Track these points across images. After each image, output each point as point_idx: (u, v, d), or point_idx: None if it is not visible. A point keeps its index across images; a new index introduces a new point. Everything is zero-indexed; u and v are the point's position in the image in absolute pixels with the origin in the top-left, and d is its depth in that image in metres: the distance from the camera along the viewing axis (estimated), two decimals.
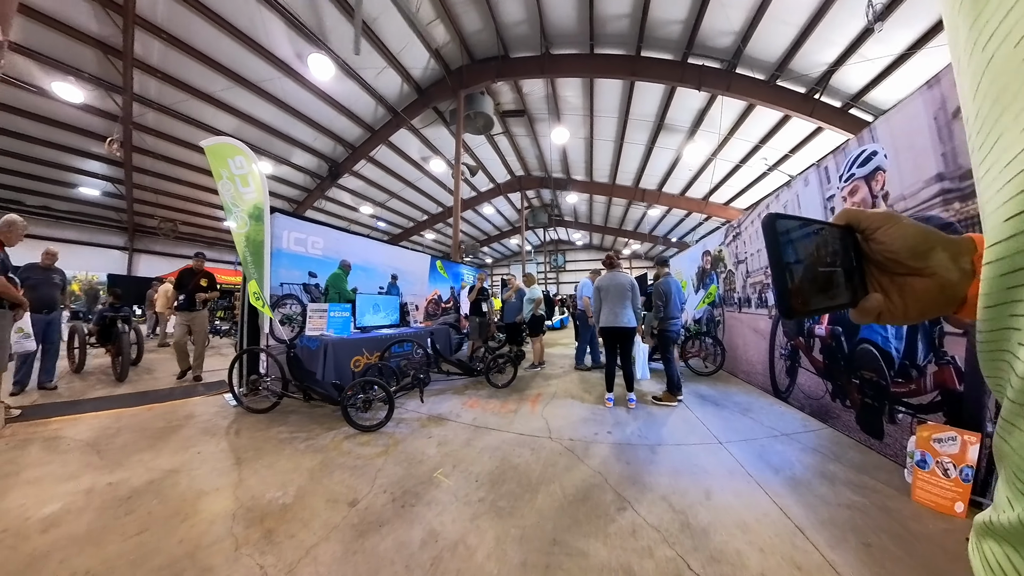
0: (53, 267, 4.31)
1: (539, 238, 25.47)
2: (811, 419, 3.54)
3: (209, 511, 1.90)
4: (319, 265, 5.06)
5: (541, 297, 5.98)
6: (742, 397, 4.26)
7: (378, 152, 11.77)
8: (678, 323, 4.10)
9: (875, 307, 0.36)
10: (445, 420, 3.40)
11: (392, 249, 6.64)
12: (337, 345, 4.03)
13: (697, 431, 3.17)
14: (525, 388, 4.62)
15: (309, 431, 3.14)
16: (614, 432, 3.10)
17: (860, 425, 3.08)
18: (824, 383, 3.51)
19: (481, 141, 12.16)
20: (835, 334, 3.38)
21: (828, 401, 3.45)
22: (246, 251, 4.26)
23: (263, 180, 4.40)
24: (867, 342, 3.04)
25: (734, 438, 3.01)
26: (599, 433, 3.06)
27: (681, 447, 2.81)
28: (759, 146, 10.13)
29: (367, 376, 3.99)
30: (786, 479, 2.39)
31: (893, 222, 0.35)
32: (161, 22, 7.25)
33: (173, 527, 1.76)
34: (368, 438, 3.00)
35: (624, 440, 2.93)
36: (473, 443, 2.82)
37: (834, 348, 3.37)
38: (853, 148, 3.15)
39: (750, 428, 3.28)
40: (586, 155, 12.79)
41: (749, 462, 2.58)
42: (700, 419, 3.47)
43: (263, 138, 10.76)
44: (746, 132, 9.73)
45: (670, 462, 2.54)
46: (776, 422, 3.44)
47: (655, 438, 2.98)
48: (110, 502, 1.96)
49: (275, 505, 1.97)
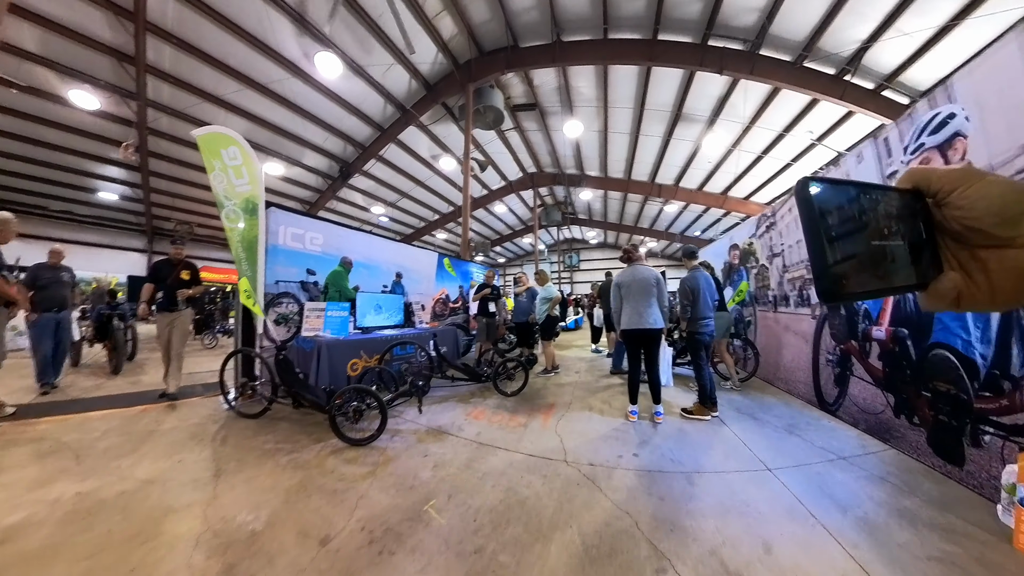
0: (60, 265, 4.33)
1: (553, 237, 24.94)
2: (868, 438, 3.01)
3: (173, 533, 1.72)
4: (318, 262, 4.76)
5: (559, 296, 5.49)
6: (782, 410, 3.73)
7: (388, 151, 11.55)
8: (710, 324, 3.56)
9: (951, 288, 0.30)
10: (445, 434, 3.01)
11: (397, 246, 6.32)
12: (332, 347, 3.71)
13: (738, 454, 2.69)
14: (537, 397, 4.19)
15: (295, 442, 2.85)
16: (641, 454, 2.64)
17: (933, 447, 2.56)
18: (884, 395, 2.98)
19: (492, 137, 11.78)
20: (899, 337, 2.84)
21: (889, 417, 2.91)
22: (239, 247, 4.02)
23: (259, 172, 4.14)
24: (942, 347, 2.51)
25: (784, 463, 2.52)
26: (623, 456, 2.60)
27: (723, 475, 2.34)
28: (783, 135, 9.42)
29: (364, 381, 3.67)
30: (857, 521, 1.91)
31: (974, 180, 0.29)
32: (171, 27, 7.22)
33: (130, 551, 1.59)
34: (356, 453, 2.66)
35: (654, 465, 2.47)
36: (475, 465, 2.42)
37: (898, 354, 2.84)
38: (921, 112, 2.61)
39: (800, 450, 2.77)
40: (600, 149, 12.25)
41: (808, 496, 2.09)
42: (739, 438, 2.98)
43: (274, 140, 10.71)
44: (769, 120, 9.05)
45: (712, 496, 2.07)
46: (828, 441, 2.92)
47: (690, 463, 2.51)
48: (73, 515, 1.83)
49: (243, 532, 1.73)
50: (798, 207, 0.29)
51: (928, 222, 0.31)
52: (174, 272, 4.01)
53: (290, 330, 4.41)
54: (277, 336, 4.32)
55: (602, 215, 21.02)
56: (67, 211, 13.69)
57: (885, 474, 2.45)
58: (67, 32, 6.84)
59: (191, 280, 4.09)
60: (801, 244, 4.09)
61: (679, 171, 12.76)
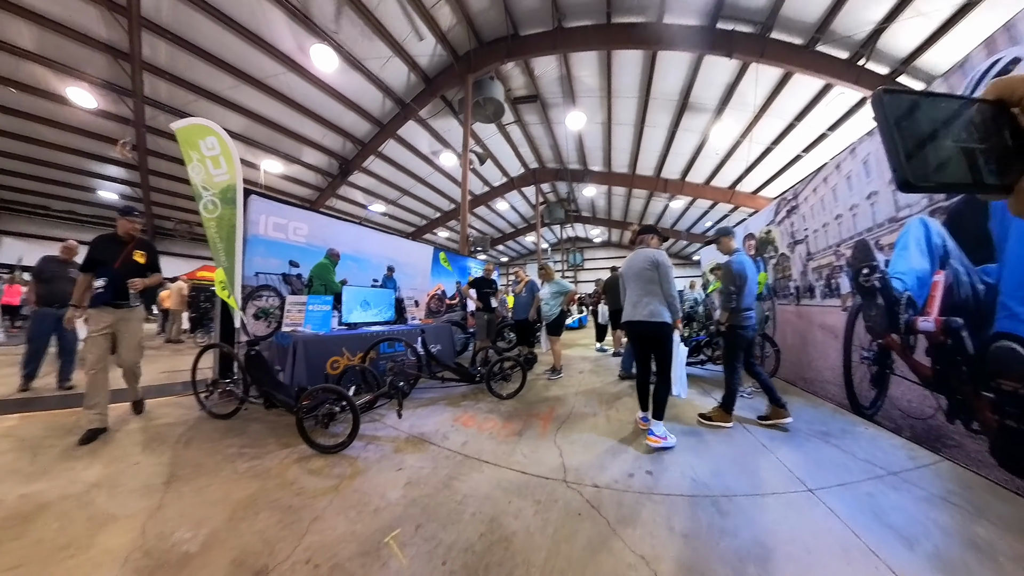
0: (71, 261, 4.17)
1: (556, 235, 24.44)
2: (916, 447, 2.58)
3: (105, 546, 1.54)
4: (302, 254, 4.43)
5: (573, 290, 5.01)
6: (811, 414, 3.29)
7: (387, 147, 11.24)
8: (753, 317, 2.99)
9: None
10: (426, 443, 2.62)
11: (389, 239, 5.97)
12: (310, 343, 3.37)
13: (771, 469, 2.26)
14: (535, 400, 3.80)
15: (262, 447, 2.55)
16: (656, 471, 2.21)
17: (998, 459, 2.14)
18: (934, 397, 2.55)
19: (492, 131, 11.41)
20: (951, 328, 2.41)
21: (941, 423, 2.49)
22: (216, 238, 3.75)
23: (236, 161, 3.85)
24: (1009, 338, 2.10)
25: (826, 481, 2.09)
26: (635, 474, 2.16)
27: (756, 500, 1.91)
28: (794, 124, 8.91)
29: (344, 381, 3.32)
30: (928, 558, 1.50)
31: None
32: (165, 22, 7.01)
33: (53, 564, 1.44)
34: (323, 463, 2.31)
35: (672, 487, 2.04)
36: (455, 484, 2.03)
37: (951, 348, 2.41)
38: (977, 61, 2.19)
39: (840, 463, 2.34)
40: (604, 142, 11.80)
41: (863, 526, 1.68)
42: (769, 449, 2.55)
43: (273, 137, 10.48)
44: (780, 108, 8.55)
45: (750, 531, 1.64)
46: (871, 452, 2.49)
47: (716, 483, 2.07)
48: (7, 521, 1.70)
49: (176, 553, 1.50)
50: (875, 114, 0.31)
51: (1016, 131, 0.32)
52: (123, 253, 2.82)
53: (270, 325, 4.11)
54: (257, 331, 4.04)
55: (606, 212, 20.51)
56: (70, 211, 13.62)
57: (945, 492, 2.03)
58: (62, 29, 6.67)
59: (148, 266, 2.96)
60: (828, 228, 3.65)
61: (685, 164, 12.26)
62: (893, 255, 2.86)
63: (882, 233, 2.98)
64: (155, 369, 5.06)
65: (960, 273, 2.37)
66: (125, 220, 2.91)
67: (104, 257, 2.81)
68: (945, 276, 2.47)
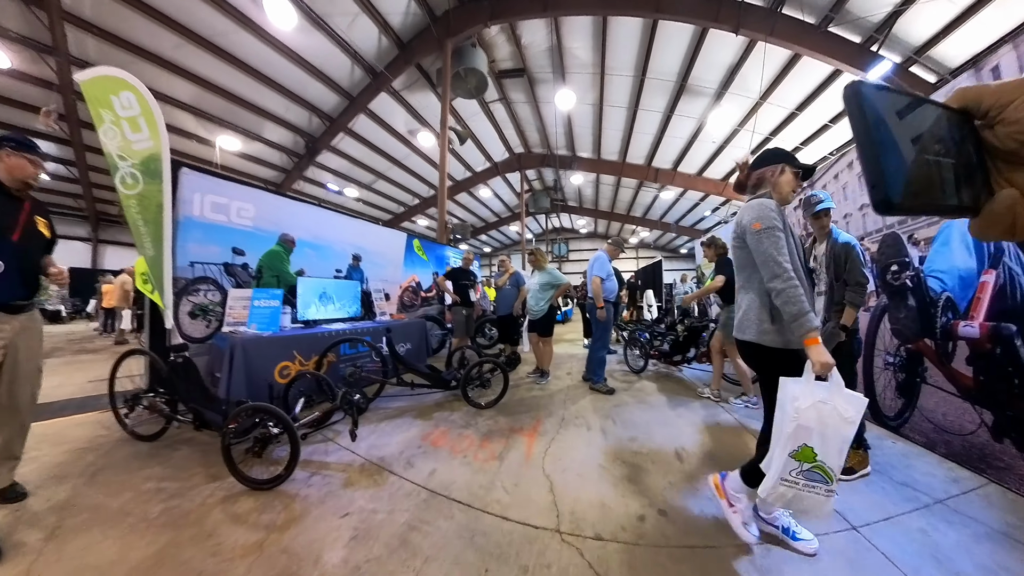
0: None
1: (541, 226, 24.09)
2: (954, 467, 2.33)
3: None
4: (249, 240, 3.86)
5: (567, 283, 4.54)
6: None
7: (358, 123, 10.45)
8: None
9: (1007, 208, 0.29)
10: (385, 473, 2.18)
11: (355, 223, 5.40)
12: (250, 346, 2.87)
13: None
14: (519, 409, 3.40)
15: (185, 479, 2.10)
16: (671, 511, 1.83)
17: None
18: (976, 411, 2.29)
19: (474, 109, 10.79)
20: (1002, 335, 2.15)
21: (985, 440, 2.25)
22: (139, 220, 3.12)
23: (161, 123, 3.20)
24: None
25: (870, 516, 1.77)
26: (646, 516, 1.78)
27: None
28: (796, 113, 8.74)
29: (292, 391, 2.83)
30: None
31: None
32: None
33: None
34: (254, 503, 1.87)
35: (693, 533, 1.67)
36: (413, 540, 1.60)
37: (1000, 357, 2.16)
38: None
39: (878, 487, 2.05)
40: (594, 126, 11.38)
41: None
42: None
43: (228, 109, 9.53)
44: (783, 95, 8.33)
45: None
46: (907, 474, 2.22)
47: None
48: None
49: None
50: (848, 111, 0.29)
51: (977, 145, 0.31)
52: (20, 218, 1.80)
53: (210, 324, 3.54)
54: (194, 332, 3.47)
55: (593, 202, 20.26)
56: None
57: (1005, 527, 1.78)
58: None
59: (52, 241, 2.02)
60: (850, 219, 3.37)
61: (679, 153, 12.02)
62: (931, 251, 2.59)
63: (918, 227, 2.70)
64: (83, 377, 4.48)
65: (1018, 275, 2.09)
66: (14, 155, 1.74)
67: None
68: (995, 276, 2.20)
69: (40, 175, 1.92)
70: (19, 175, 1.78)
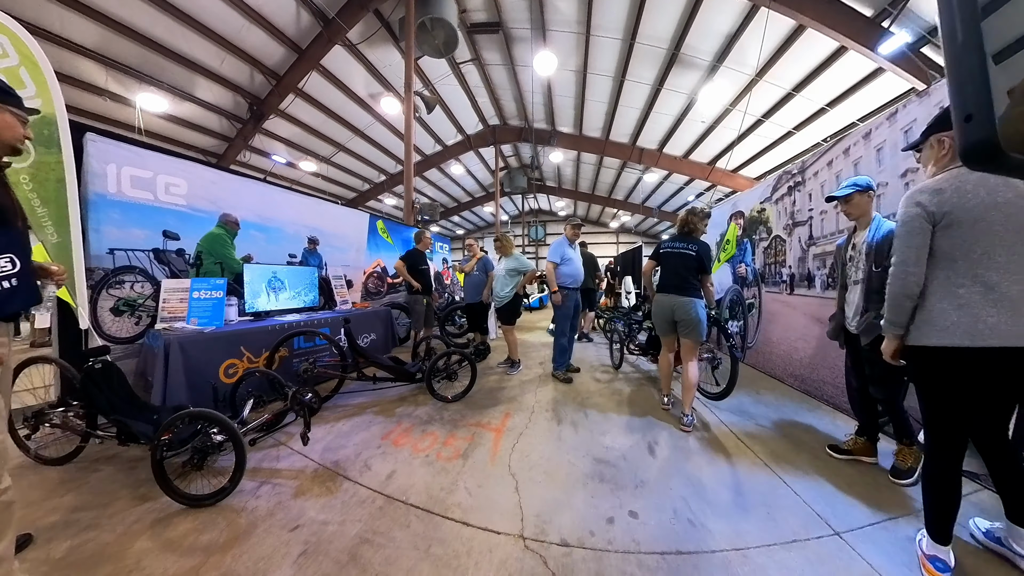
0: None
1: (517, 207, 23.95)
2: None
3: None
4: (183, 221, 3.54)
5: (533, 269, 4.62)
6: (809, 417, 3.17)
7: (310, 83, 9.75)
8: None
9: None
10: (339, 479, 2.11)
11: (310, 202, 5.10)
12: (190, 344, 2.69)
13: (785, 503, 1.98)
14: (488, 402, 3.40)
15: (103, 506, 1.90)
16: (642, 512, 1.87)
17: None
18: None
19: (444, 70, 10.36)
20: None
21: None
22: (34, 199, 2.70)
23: (50, 74, 2.80)
24: None
25: (854, 520, 1.84)
26: (615, 517, 1.81)
27: (776, 552, 1.62)
28: (792, 94, 8.93)
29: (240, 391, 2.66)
30: None
31: None
32: None
33: None
34: (192, 523, 1.75)
35: (665, 538, 1.69)
36: (364, 554, 1.54)
37: None
38: None
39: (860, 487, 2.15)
40: (576, 96, 11.24)
41: None
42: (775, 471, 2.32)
43: (148, 59, 8.47)
44: (780, 73, 8.40)
45: None
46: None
47: (722, 528, 1.75)
48: None
49: None
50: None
51: None
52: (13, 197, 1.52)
53: (140, 321, 3.23)
54: (121, 332, 3.17)
55: (573, 183, 20.31)
56: None
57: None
58: None
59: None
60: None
61: (665, 132, 12.17)
62: None
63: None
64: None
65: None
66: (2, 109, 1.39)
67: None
68: None
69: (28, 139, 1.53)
70: (8, 137, 1.41)
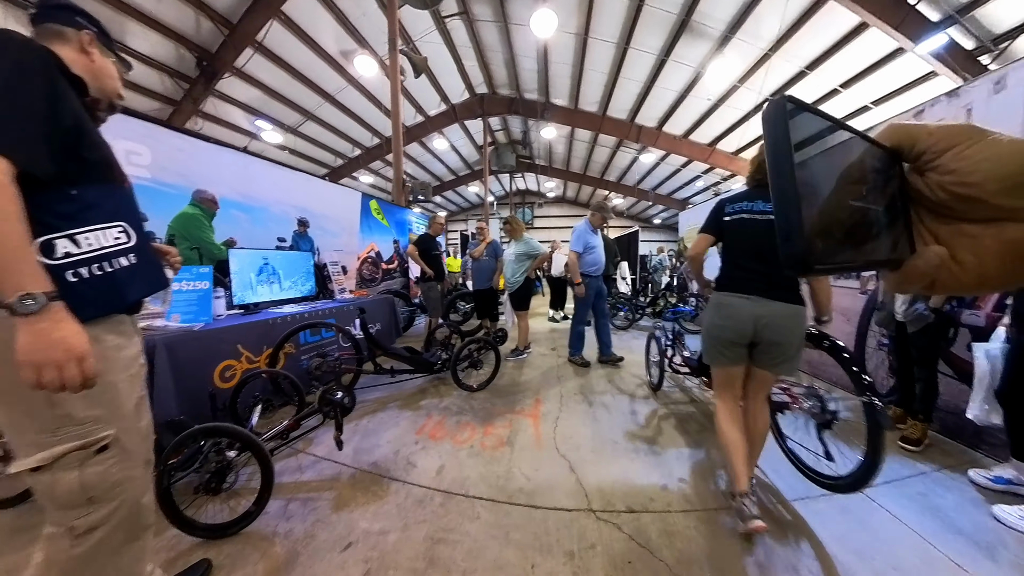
0: None
1: (504, 187, 23.85)
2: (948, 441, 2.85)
3: None
4: (150, 198, 3.44)
5: (546, 252, 4.81)
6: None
7: (271, 35, 8.98)
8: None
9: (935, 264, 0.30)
10: (385, 481, 2.18)
11: (297, 178, 5.04)
12: (177, 345, 2.50)
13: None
14: (512, 390, 3.59)
15: None
16: (689, 479, 2.17)
17: None
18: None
19: (427, 25, 9.96)
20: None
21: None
22: None
23: None
24: None
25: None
26: (667, 484, 2.11)
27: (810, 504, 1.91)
28: (806, 72, 9.13)
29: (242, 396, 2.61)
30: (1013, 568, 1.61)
31: (975, 140, 0.28)
32: None
33: None
34: (215, 559, 1.60)
35: (711, 495, 2.01)
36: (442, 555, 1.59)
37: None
38: None
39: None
40: (575, 64, 11.16)
41: (936, 535, 1.79)
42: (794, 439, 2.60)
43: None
44: (797, 47, 8.48)
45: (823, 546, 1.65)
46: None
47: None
48: None
49: None
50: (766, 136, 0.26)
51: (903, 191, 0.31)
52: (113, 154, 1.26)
53: None
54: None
55: (564, 162, 20.38)
56: None
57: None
58: None
59: None
60: None
61: (667, 109, 12.34)
62: None
63: None
64: None
65: None
66: (105, 52, 1.25)
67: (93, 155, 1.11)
68: None
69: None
70: (111, 89, 1.26)
